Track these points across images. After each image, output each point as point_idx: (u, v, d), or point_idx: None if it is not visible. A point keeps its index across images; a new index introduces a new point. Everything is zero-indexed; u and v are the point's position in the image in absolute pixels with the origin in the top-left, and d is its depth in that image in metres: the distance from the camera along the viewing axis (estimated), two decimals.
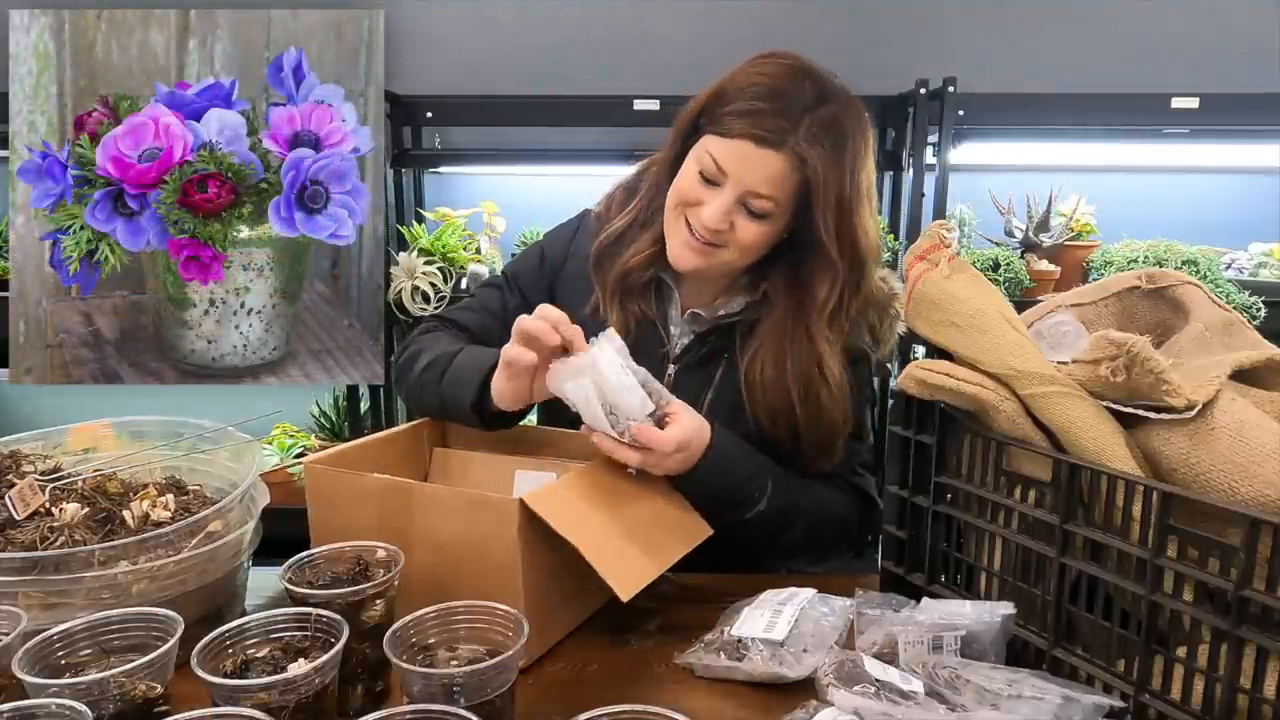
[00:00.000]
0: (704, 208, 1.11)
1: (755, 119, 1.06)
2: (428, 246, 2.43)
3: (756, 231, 1.12)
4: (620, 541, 0.96)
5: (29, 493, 0.94)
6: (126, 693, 0.71)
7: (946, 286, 0.97)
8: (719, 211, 1.10)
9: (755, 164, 1.07)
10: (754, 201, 1.09)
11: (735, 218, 1.11)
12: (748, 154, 1.07)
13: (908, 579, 1.04)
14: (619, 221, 1.25)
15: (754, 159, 1.07)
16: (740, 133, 1.07)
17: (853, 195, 1.10)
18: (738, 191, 1.09)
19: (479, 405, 1.10)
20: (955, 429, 0.97)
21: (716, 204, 1.10)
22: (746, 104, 1.07)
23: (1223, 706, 0.74)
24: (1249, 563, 0.71)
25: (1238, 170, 2.75)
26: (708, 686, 0.91)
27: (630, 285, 1.23)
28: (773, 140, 1.06)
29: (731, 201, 1.09)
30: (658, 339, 1.24)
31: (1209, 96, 2.29)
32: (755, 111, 1.06)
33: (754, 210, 1.10)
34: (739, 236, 1.12)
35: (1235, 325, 0.94)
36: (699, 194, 1.12)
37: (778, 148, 1.06)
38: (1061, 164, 2.67)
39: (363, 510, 0.99)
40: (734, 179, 1.08)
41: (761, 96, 1.07)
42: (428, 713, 0.67)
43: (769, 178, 1.07)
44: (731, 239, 1.12)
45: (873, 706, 0.76)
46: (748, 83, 1.09)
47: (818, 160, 1.06)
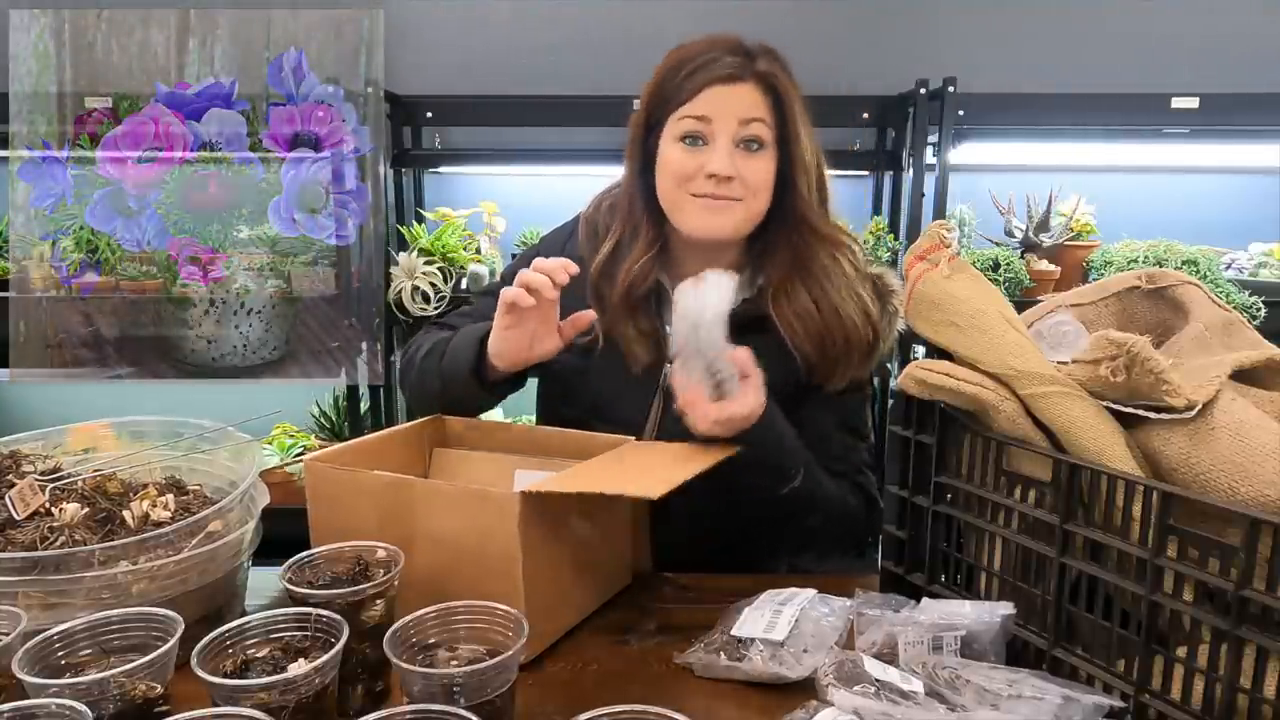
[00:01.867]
0: (709, 162, 1.14)
1: (713, 67, 1.14)
2: (428, 246, 2.43)
3: (760, 166, 1.16)
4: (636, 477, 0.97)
5: (29, 493, 0.94)
6: (126, 693, 0.71)
7: (946, 286, 0.97)
8: (724, 155, 1.14)
9: (733, 99, 1.14)
10: (748, 129, 1.15)
11: (737, 160, 1.15)
12: (722, 94, 1.14)
13: (908, 579, 1.04)
14: (607, 244, 1.26)
15: (729, 95, 1.14)
16: (706, 82, 1.14)
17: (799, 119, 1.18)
18: (729, 130, 1.14)
19: (478, 369, 1.13)
20: (955, 429, 0.97)
21: (718, 150, 1.15)
22: (697, 61, 1.14)
23: (1223, 706, 0.74)
24: (1249, 563, 0.71)
25: (1238, 170, 2.75)
26: (708, 686, 0.91)
27: (636, 299, 1.23)
28: (738, 74, 1.14)
29: (729, 142, 1.15)
30: (657, 340, 1.24)
31: (1209, 96, 2.29)
32: (709, 61, 1.14)
33: (751, 141, 1.15)
34: (747, 178, 1.16)
35: (1235, 325, 0.94)
36: (694, 160, 1.16)
37: (744, 78, 1.14)
38: (1061, 164, 2.67)
39: (363, 507, 0.99)
40: (720, 121, 1.14)
41: (704, 51, 1.15)
42: (428, 713, 0.67)
43: (751, 104, 1.14)
44: (742, 187, 1.16)
45: (872, 706, 0.76)
46: (682, 56, 1.16)
47: (780, 75, 1.16)
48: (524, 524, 0.90)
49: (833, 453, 1.24)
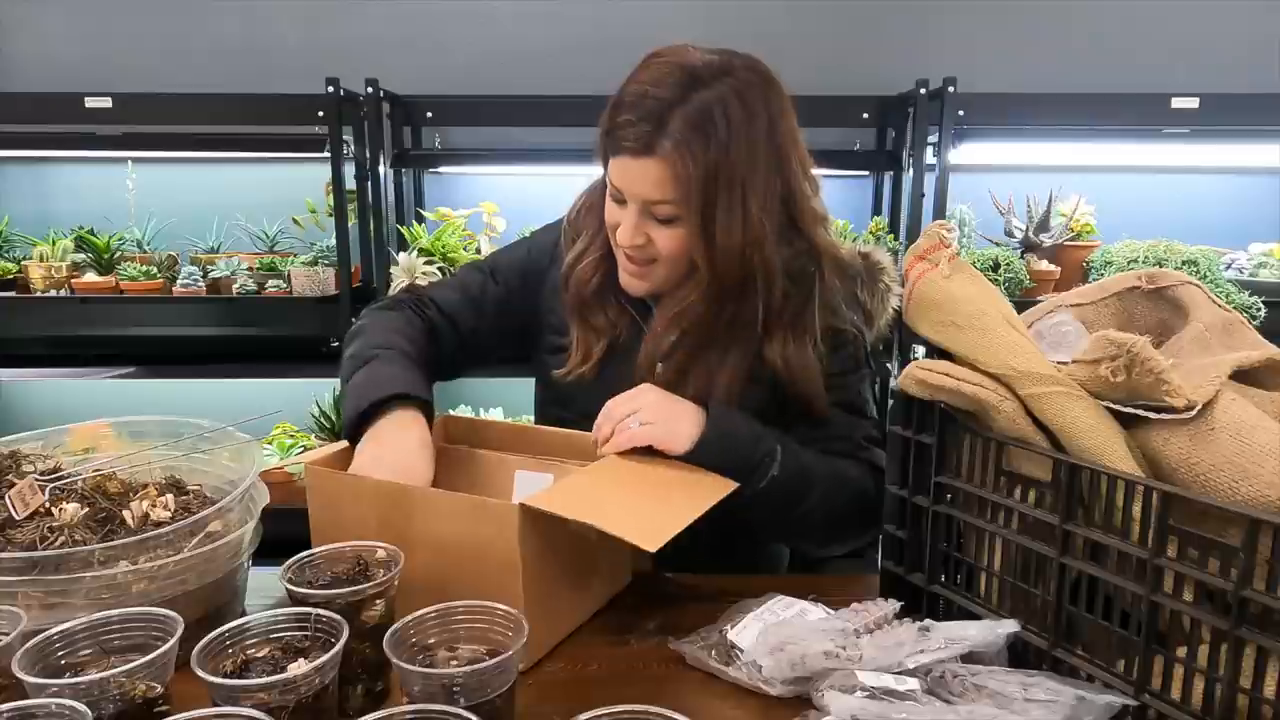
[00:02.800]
0: (619, 229, 1.13)
1: (627, 130, 1.06)
2: (428, 246, 2.43)
3: (672, 236, 1.11)
4: (635, 508, 0.96)
5: (29, 493, 0.94)
6: (126, 693, 0.71)
7: (946, 286, 0.97)
8: (629, 228, 1.11)
9: (636, 175, 1.08)
10: (656, 209, 1.10)
11: (649, 229, 1.12)
12: (628, 167, 1.08)
13: (908, 579, 1.04)
14: (578, 245, 1.26)
15: (633, 170, 1.08)
16: (617, 148, 1.08)
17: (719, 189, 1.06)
18: (638, 204, 1.10)
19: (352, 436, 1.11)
20: (955, 429, 0.97)
21: (626, 222, 1.12)
22: (621, 117, 1.07)
23: (1223, 706, 0.74)
24: (1249, 563, 0.71)
25: (1238, 170, 2.75)
26: (707, 687, 0.91)
27: (587, 296, 1.23)
28: (643, 148, 1.06)
29: (636, 216, 1.11)
30: (639, 336, 1.23)
31: (1209, 96, 2.29)
32: (627, 123, 1.06)
33: (659, 217, 1.11)
34: (659, 246, 1.12)
35: (1235, 325, 0.94)
36: (616, 217, 1.14)
37: (649, 154, 1.06)
38: (1061, 164, 2.67)
39: (362, 512, 0.98)
40: (629, 194, 1.10)
41: (632, 106, 1.07)
42: (428, 713, 0.67)
43: (653, 183, 1.07)
44: (655, 251, 1.13)
45: (869, 707, 0.76)
46: (625, 94, 1.09)
47: (684, 160, 1.05)
48: (524, 534, 0.89)
49: (832, 433, 1.21)
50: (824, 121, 2.51)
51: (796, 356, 1.17)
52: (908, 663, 0.84)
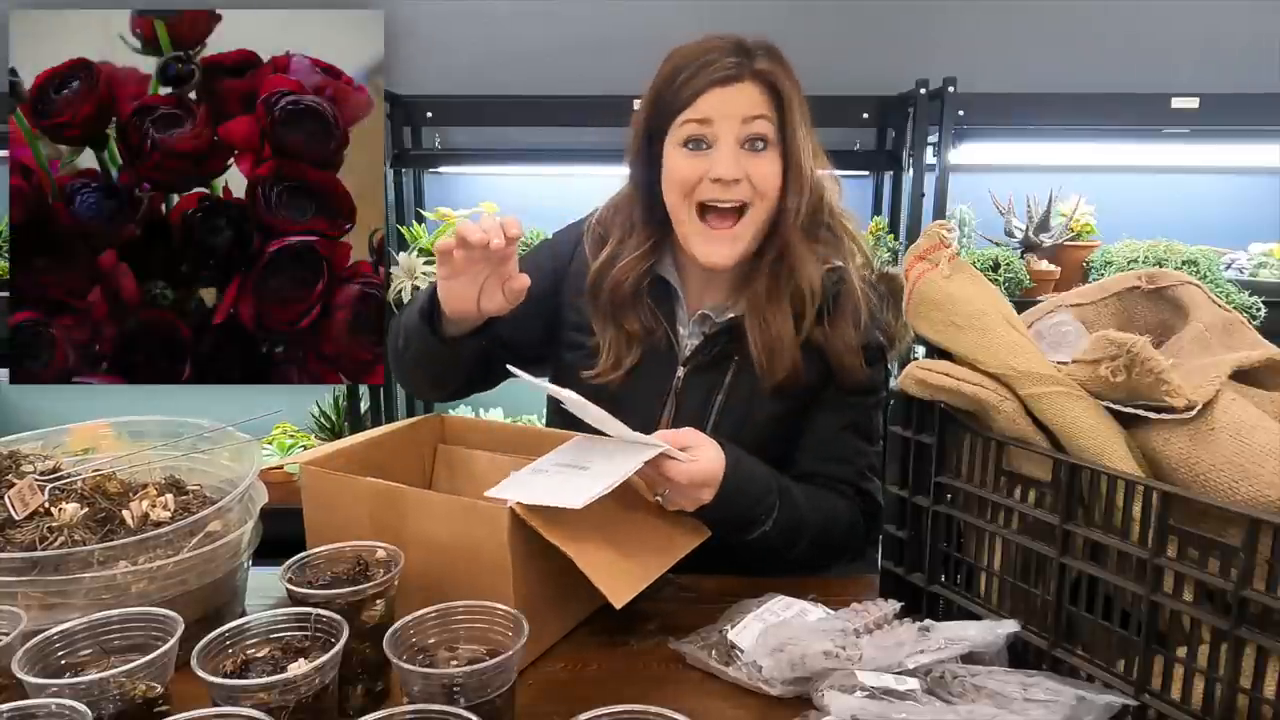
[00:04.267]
0: (714, 166, 1.13)
1: (710, 69, 1.12)
2: (428, 246, 2.43)
3: (768, 165, 1.14)
4: (614, 546, 0.96)
5: (28, 493, 0.94)
6: (126, 693, 0.71)
7: (946, 286, 0.97)
8: (729, 157, 1.12)
9: (733, 99, 1.12)
10: (752, 127, 1.13)
11: (744, 161, 1.13)
12: (723, 96, 1.12)
13: (908, 579, 1.04)
14: (607, 249, 1.25)
15: (730, 96, 1.12)
16: (704, 85, 1.12)
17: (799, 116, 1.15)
18: (733, 130, 1.13)
19: (430, 315, 1.13)
20: (955, 429, 0.97)
21: (722, 152, 1.13)
22: (694, 66, 1.12)
23: (1223, 706, 0.74)
24: (1249, 563, 0.71)
25: (1238, 170, 2.75)
26: (707, 686, 0.91)
27: (622, 299, 1.22)
28: (735, 74, 1.12)
29: (733, 142, 1.13)
30: (666, 341, 1.23)
31: (1209, 96, 2.28)
32: (706, 65, 1.12)
33: (756, 139, 1.13)
34: (755, 178, 1.14)
35: (1235, 325, 0.94)
36: (698, 166, 1.14)
37: (743, 78, 1.12)
38: (1061, 164, 2.67)
39: (357, 512, 0.99)
40: (722, 121, 1.12)
41: (701, 54, 1.13)
42: (428, 713, 0.67)
43: (752, 103, 1.12)
44: (750, 189, 1.14)
45: (869, 708, 0.76)
46: (679, 61, 1.14)
47: (780, 74, 1.13)
48: (513, 536, 0.90)
49: (835, 454, 1.22)
50: (824, 121, 2.48)
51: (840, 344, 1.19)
52: (908, 663, 0.84)
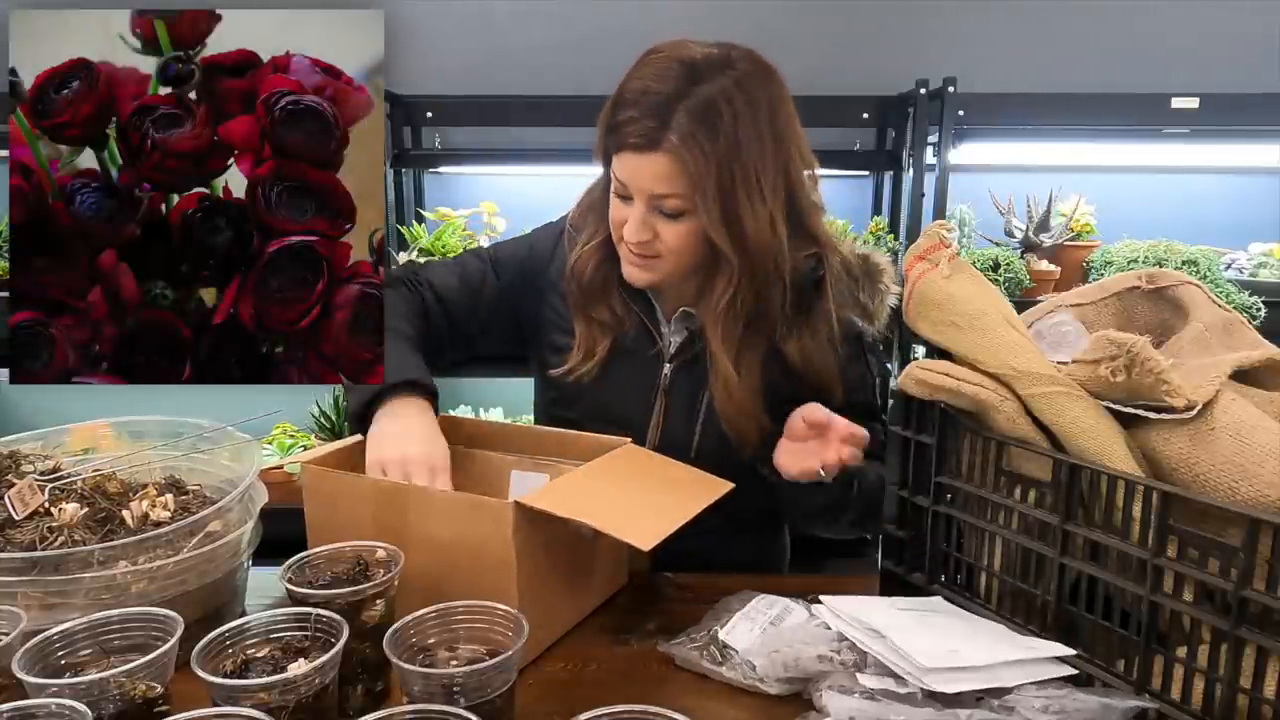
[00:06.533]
0: (626, 225, 1.12)
1: (632, 127, 1.06)
2: (428, 246, 2.43)
3: (679, 231, 1.11)
4: (630, 508, 0.96)
5: (28, 493, 0.94)
6: (126, 693, 0.71)
7: (946, 286, 0.97)
8: (636, 224, 1.11)
9: (643, 170, 1.07)
10: (662, 203, 1.09)
11: (655, 224, 1.11)
12: (635, 163, 1.08)
13: (908, 579, 1.04)
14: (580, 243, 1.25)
15: (640, 166, 1.07)
16: (624, 145, 1.08)
17: (735, 179, 1.06)
18: (644, 200, 1.10)
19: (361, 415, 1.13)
20: (955, 429, 0.97)
21: (633, 218, 1.11)
22: (625, 113, 1.07)
23: (1223, 706, 0.74)
24: (1249, 563, 0.71)
25: (1238, 170, 2.75)
26: (707, 687, 0.91)
27: (587, 287, 1.23)
28: (649, 143, 1.06)
29: (643, 211, 1.11)
30: (649, 339, 1.24)
31: (1209, 96, 2.28)
32: (630, 120, 1.06)
33: (666, 211, 1.10)
34: (666, 242, 1.12)
35: (1235, 325, 0.94)
36: (622, 213, 1.13)
37: (655, 149, 1.05)
38: (1061, 164, 2.67)
39: (359, 511, 0.99)
40: (635, 189, 1.10)
41: (635, 102, 1.07)
42: (428, 713, 0.67)
43: (660, 178, 1.07)
44: (661, 246, 1.13)
45: (868, 709, 0.76)
46: (626, 90, 1.09)
47: (692, 152, 1.05)
48: (518, 533, 0.90)
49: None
50: (824, 121, 2.51)
51: (814, 350, 1.18)
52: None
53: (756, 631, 0.94)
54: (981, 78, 2.34)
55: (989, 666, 0.81)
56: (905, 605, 0.95)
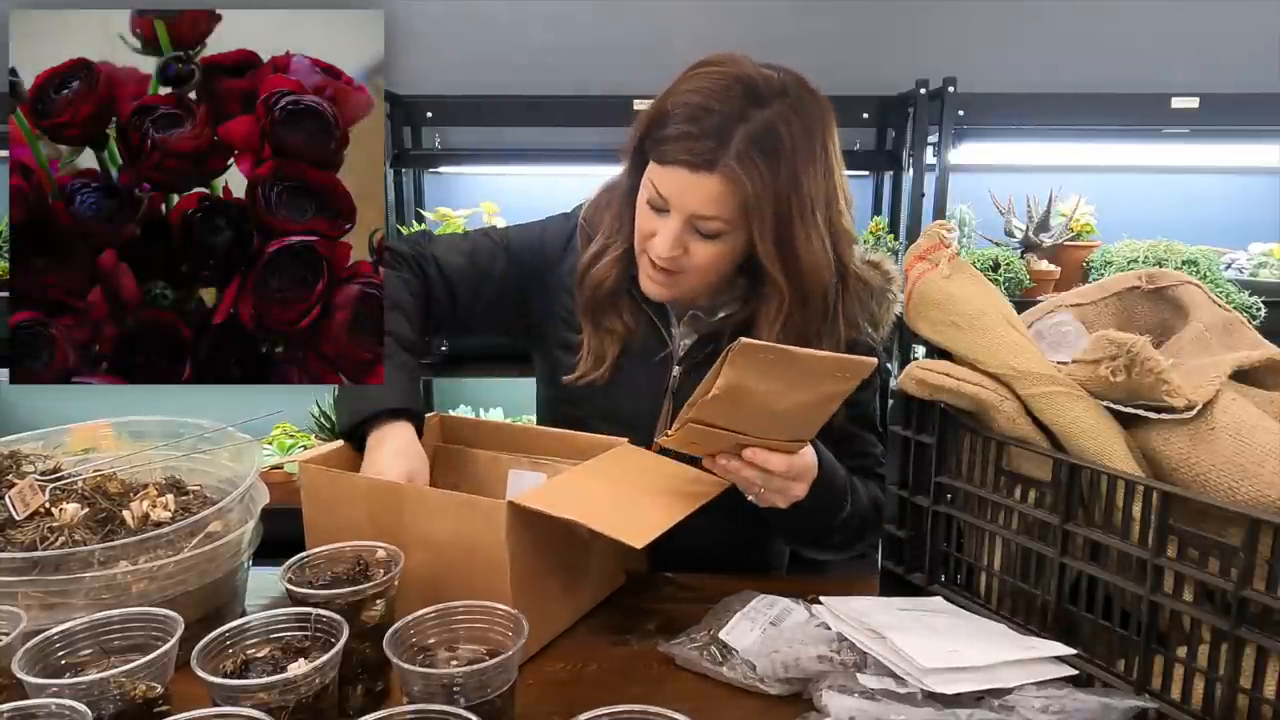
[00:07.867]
0: (656, 238, 1.10)
1: (686, 143, 1.04)
2: None
3: (712, 252, 1.10)
4: (625, 507, 0.96)
5: (29, 493, 0.94)
6: (126, 693, 0.71)
7: (946, 286, 0.97)
8: (669, 240, 1.09)
9: (693, 189, 1.05)
10: (702, 224, 1.07)
11: (689, 241, 1.10)
12: (684, 180, 1.05)
13: (908, 579, 1.04)
14: (594, 244, 1.24)
15: (690, 184, 1.05)
16: (673, 159, 1.05)
17: (792, 208, 1.06)
18: (683, 217, 1.08)
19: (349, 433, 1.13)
20: (955, 429, 0.97)
21: (666, 232, 1.09)
22: (677, 127, 1.04)
23: (1223, 706, 0.74)
24: (1249, 563, 0.71)
25: (1238, 170, 2.75)
26: (707, 687, 0.91)
27: (602, 298, 1.22)
28: (704, 163, 1.03)
29: (679, 228, 1.08)
30: (659, 341, 1.23)
31: (1209, 96, 2.29)
32: (685, 135, 1.04)
33: (705, 232, 1.08)
34: (695, 260, 1.11)
35: (1235, 325, 0.94)
36: (652, 224, 1.11)
37: (710, 169, 1.03)
38: (1061, 164, 2.67)
39: (356, 510, 0.99)
40: (677, 205, 1.07)
41: (691, 117, 1.04)
42: (428, 713, 0.67)
43: (710, 199, 1.05)
44: (688, 263, 1.11)
45: (868, 709, 0.76)
46: (679, 102, 1.06)
47: (751, 178, 1.03)
48: (511, 532, 0.90)
49: (855, 449, 1.22)
50: None
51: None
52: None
53: (756, 632, 0.94)
54: (981, 78, 2.34)
55: (989, 666, 0.81)
56: (905, 605, 0.95)
